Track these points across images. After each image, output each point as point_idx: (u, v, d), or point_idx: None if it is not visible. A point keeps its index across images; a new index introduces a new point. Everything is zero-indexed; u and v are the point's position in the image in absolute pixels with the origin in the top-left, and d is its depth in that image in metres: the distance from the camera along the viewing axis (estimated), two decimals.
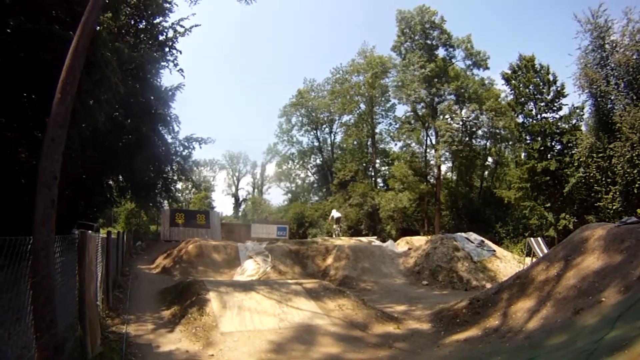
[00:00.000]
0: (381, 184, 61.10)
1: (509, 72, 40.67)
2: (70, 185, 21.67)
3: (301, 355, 8.55)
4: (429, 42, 50.24)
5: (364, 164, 61.60)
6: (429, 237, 26.64)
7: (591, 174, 30.15)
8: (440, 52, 50.88)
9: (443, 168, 52.91)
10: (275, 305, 11.23)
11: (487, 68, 50.02)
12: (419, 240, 26.25)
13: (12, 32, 16.63)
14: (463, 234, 23.72)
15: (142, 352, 8.49)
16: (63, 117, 6.05)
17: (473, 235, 23.50)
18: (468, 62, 50.56)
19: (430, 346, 9.15)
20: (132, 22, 26.97)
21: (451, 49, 50.63)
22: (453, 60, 51.08)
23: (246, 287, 13.06)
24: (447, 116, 49.25)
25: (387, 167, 62.66)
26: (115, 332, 9.60)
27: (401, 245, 26.60)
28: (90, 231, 8.35)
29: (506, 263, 21.36)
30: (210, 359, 8.35)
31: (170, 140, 31.29)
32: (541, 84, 38.34)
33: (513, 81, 40.38)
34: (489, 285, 16.97)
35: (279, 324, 10.17)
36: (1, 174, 17.37)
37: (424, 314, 11.97)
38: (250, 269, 21.33)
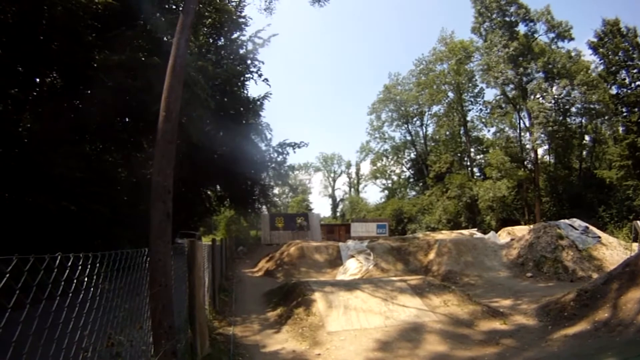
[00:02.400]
0: (478, 174, 59.73)
1: (595, 40, 38.83)
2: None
3: (408, 353, 8.54)
4: (507, 19, 48.72)
5: (459, 154, 60.58)
6: (531, 226, 25.73)
7: None
8: (521, 29, 49.30)
9: (540, 151, 50.97)
10: (381, 303, 11.26)
11: (572, 39, 47.83)
12: (521, 230, 25.64)
13: (98, 66, 17.62)
14: (566, 221, 22.83)
15: (249, 352, 8.79)
16: (170, 134, 6.37)
17: (577, 222, 22.56)
18: (551, 35, 48.54)
19: (538, 342, 8.88)
20: (211, 41, 27.71)
21: (531, 24, 48.78)
22: (535, 35, 49.20)
23: (351, 286, 13.20)
24: (538, 95, 47.43)
25: (482, 156, 61.17)
26: (223, 333, 9.97)
27: (503, 236, 26.03)
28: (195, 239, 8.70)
29: (612, 250, 20.32)
30: (317, 358, 8.49)
31: (264, 148, 32.07)
32: (630, 48, 36.35)
33: (601, 49, 38.57)
34: (595, 276, 16.31)
35: (385, 322, 10.18)
36: (104, 193, 18.38)
37: (530, 308, 11.64)
38: (353, 267, 21.49)
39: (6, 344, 2.39)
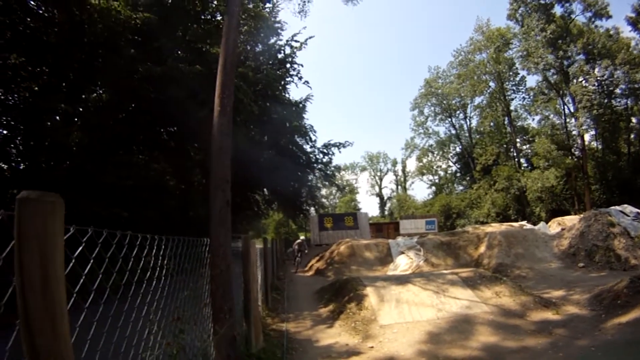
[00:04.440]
0: (525, 165, 58.87)
1: (634, 15, 37.93)
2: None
3: (459, 344, 8.62)
4: (542, 1, 47.95)
5: (505, 145, 59.84)
6: (582, 214, 25.34)
7: None
8: (557, 10, 48.57)
9: (587, 137, 50.05)
10: (432, 296, 11.34)
11: (610, 16, 46.74)
12: (571, 220, 25.33)
13: (141, 77, 18.26)
14: (617, 208, 22.36)
15: (302, 346, 9.01)
16: (226, 126, 6.70)
17: (628, 208, 22.04)
18: (588, 15, 47.55)
19: (591, 331, 8.84)
20: (249, 48, 28.10)
21: (567, 4, 47.95)
22: (572, 16, 48.32)
23: (402, 280, 13.29)
24: (580, 79, 46.59)
25: (528, 145, 60.28)
26: (276, 329, 10.27)
27: (553, 226, 25.79)
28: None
29: None
30: (370, 350, 8.63)
31: (309, 150, 32.42)
32: None
33: None
34: None
35: (437, 314, 10.27)
36: (154, 199, 18.94)
37: (582, 298, 11.55)
38: (403, 263, 21.55)
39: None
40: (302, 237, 35.34)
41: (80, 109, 18.90)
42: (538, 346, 8.24)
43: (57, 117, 17.69)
